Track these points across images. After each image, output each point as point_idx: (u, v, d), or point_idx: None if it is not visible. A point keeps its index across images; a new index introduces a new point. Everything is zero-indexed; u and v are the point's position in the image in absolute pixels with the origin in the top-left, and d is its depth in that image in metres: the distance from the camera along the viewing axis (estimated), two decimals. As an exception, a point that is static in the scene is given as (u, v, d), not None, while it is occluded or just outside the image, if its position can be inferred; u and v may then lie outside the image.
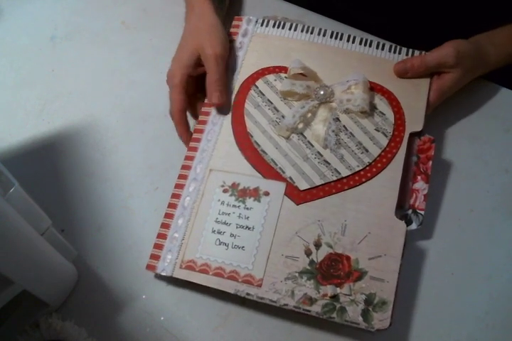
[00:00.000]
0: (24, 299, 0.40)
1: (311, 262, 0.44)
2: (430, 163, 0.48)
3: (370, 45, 0.53)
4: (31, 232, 0.37)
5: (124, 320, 0.46)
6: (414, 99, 0.50)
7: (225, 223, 0.46)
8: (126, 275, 0.48)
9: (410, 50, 0.53)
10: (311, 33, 0.54)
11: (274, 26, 0.55)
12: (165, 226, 0.47)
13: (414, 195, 0.48)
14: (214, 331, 0.46)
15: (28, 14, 0.64)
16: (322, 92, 0.50)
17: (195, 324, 0.46)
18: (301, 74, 0.51)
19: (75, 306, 0.47)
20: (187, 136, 0.51)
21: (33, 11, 0.64)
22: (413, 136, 0.49)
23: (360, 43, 0.53)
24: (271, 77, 0.52)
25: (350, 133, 0.49)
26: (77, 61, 0.60)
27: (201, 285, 0.45)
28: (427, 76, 0.51)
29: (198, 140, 0.50)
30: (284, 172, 0.48)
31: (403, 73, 0.51)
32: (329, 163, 0.48)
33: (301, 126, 0.49)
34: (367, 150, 0.48)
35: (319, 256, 0.45)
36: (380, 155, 0.48)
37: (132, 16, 0.63)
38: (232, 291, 0.44)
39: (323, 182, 0.47)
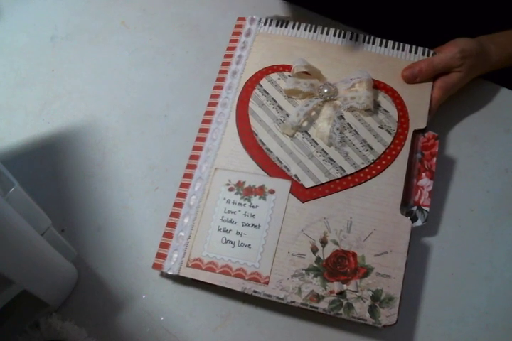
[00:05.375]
0: (24, 299, 0.40)
1: (318, 259, 0.44)
2: (434, 159, 0.49)
3: (373, 43, 0.53)
4: (31, 232, 0.37)
5: (124, 320, 0.46)
6: (418, 96, 0.51)
7: (230, 221, 0.46)
8: (126, 275, 0.48)
9: (414, 47, 0.53)
10: (314, 31, 0.54)
11: (277, 25, 0.55)
12: (171, 225, 0.47)
13: (419, 191, 0.48)
14: (214, 331, 0.46)
15: (28, 14, 0.64)
16: (326, 90, 0.50)
17: (195, 324, 0.46)
18: (305, 72, 0.51)
19: (75, 306, 0.47)
20: None
21: (33, 11, 0.64)
22: (417, 133, 0.50)
23: (364, 41, 0.53)
24: (275, 76, 0.52)
25: (355, 130, 0.49)
26: (77, 61, 0.60)
27: (202, 283, 0.45)
28: None
29: (203, 139, 0.51)
30: (289, 170, 0.48)
31: (412, 79, 0.51)
32: (334, 161, 0.48)
33: (305, 124, 0.50)
34: (371, 148, 0.48)
35: (325, 253, 0.45)
36: (384, 153, 0.48)
37: (132, 16, 0.63)
38: (239, 289, 0.44)
39: (328, 180, 0.47)
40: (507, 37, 0.53)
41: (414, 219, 0.46)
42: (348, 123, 0.49)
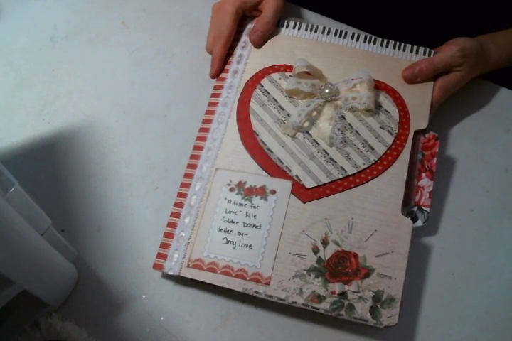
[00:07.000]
0: (24, 299, 0.40)
1: (319, 260, 0.44)
2: (435, 160, 0.49)
3: (374, 43, 0.53)
4: (31, 232, 0.37)
5: (124, 320, 0.46)
6: (419, 96, 0.51)
7: (231, 222, 0.46)
8: (126, 275, 0.48)
9: (415, 47, 0.53)
10: (315, 31, 0.54)
11: (278, 25, 0.55)
12: (171, 225, 0.47)
13: (419, 192, 0.48)
14: (214, 331, 0.46)
15: (28, 14, 0.64)
16: (327, 90, 0.50)
17: (195, 324, 0.46)
18: (306, 72, 0.51)
19: (75, 306, 0.47)
20: (220, 65, 0.54)
21: (33, 11, 0.64)
22: (417, 133, 0.50)
23: (365, 41, 0.53)
24: (276, 76, 0.52)
25: (356, 131, 0.49)
26: (77, 61, 0.60)
27: (202, 283, 0.45)
28: None
29: (204, 138, 0.50)
30: (290, 170, 0.48)
31: (413, 79, 0.51)
32: (335, 161, 0.48)
33: (306, 124, 0.49)
34: (372, 148, 0.48)
35: (327, 253, 0.45)
36: (385, 153, 0.48)
37: (132, 16, 0.63)
38: (240, 289, 0.44)
39: (329, 181, 0.47)
40: (507, 37, 0.53)
41: (414, 220, 0.46)
42: (349, 124, 0.49)
